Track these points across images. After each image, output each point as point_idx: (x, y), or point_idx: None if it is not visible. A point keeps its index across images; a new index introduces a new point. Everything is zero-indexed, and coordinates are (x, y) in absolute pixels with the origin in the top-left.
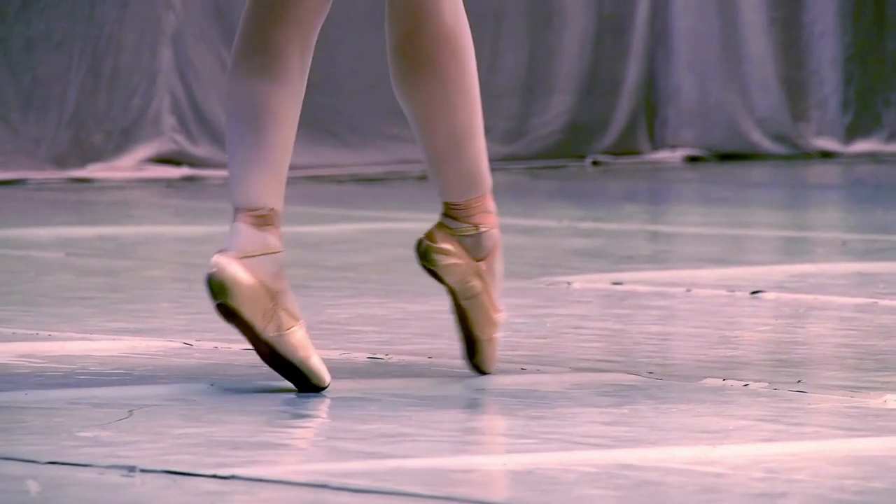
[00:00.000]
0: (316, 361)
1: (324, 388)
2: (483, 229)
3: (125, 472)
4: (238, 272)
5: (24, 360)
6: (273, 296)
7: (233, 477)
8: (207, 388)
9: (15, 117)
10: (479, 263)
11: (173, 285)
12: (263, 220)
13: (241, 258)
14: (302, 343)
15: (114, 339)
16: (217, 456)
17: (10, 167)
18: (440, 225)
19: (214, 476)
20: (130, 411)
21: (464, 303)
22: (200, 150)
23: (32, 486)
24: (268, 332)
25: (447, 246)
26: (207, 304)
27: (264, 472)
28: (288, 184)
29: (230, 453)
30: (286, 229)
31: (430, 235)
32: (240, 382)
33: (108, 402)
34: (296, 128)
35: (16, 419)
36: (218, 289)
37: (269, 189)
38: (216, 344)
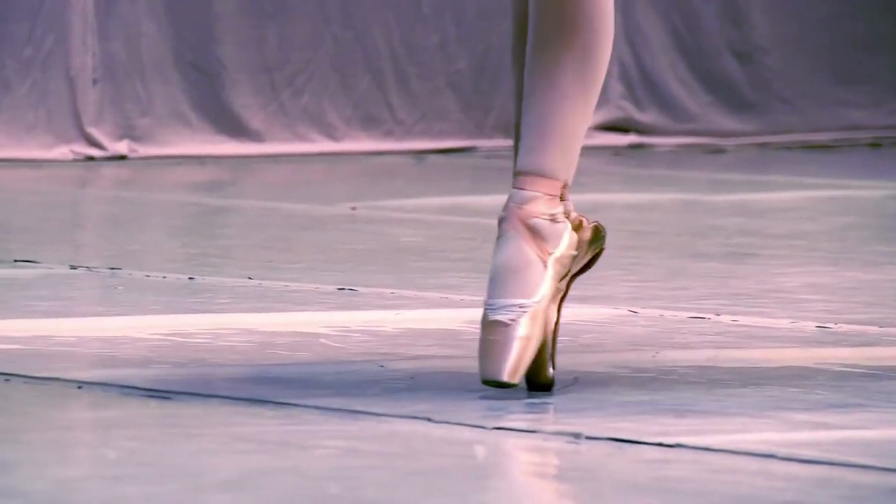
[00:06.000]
0: None
1: None
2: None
3: (570, 438)
4: None
5: (471, 327)
6: None
7: (678, 445)
8: (651, 356)
9: (466, 86)
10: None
11: (620, 252)
12: None
13: None
14: None
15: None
16: (662, 424)
17: (460, 135)
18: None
19: (659, 444)
20: (576, 378)
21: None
22: (647, 116)
23: (479, 451)
24: None
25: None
26: (654, 272)
27: (710, 441)
28: (735, 151)
29: (675, 421)
30: (736, 197)
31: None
32: (684, 350)
33: (560, 370)
34: None
35: (468, 386)
36: None
37: None
38: (662, 312)
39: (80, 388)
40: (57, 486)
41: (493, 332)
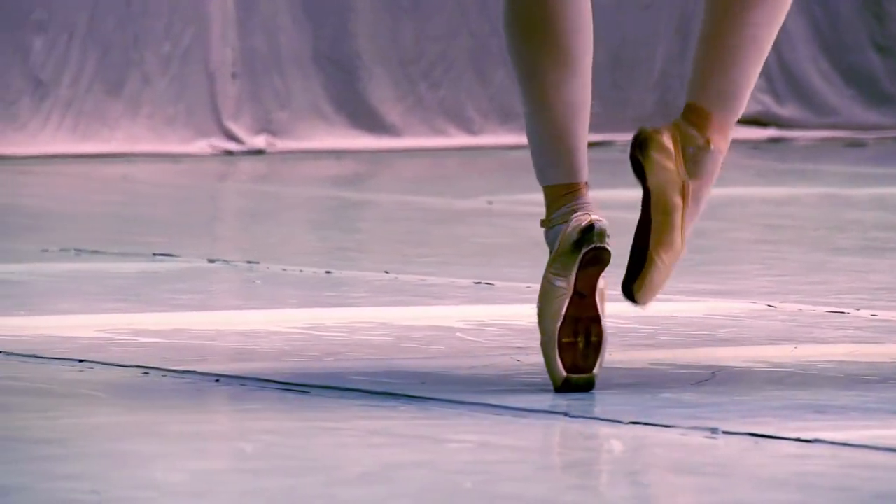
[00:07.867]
0: None
1: None
2: (713, 147)
3: (707, 433)
4: None
5: (609, 321)
6: None
7: (816, 440)
8: (790, 351)
9: (602, 79)
10: (690, 181)
11: (758, 247)
12: None
13: None
14: None
15: (697, 301)
16: (800, 419)
17: (597, 129)
18: (674, 124)
19: (797, 439)
20: (713, 373)
21: (654, 215)
22: (787, 110)
23: (616, 446)
24: None
25: (669, 145)
26: (792, 267)
27: (848, 437)
28: (876, 144)
29: (813, 416)
30: (876, 190)
31: (656, 128)
32: (822, 345)
33: (690, 364)
34: None
35: (604, 381)
36: None
37: None
38: (800, 306)
39: (217, 381)
40: (195, 479)
41: None
